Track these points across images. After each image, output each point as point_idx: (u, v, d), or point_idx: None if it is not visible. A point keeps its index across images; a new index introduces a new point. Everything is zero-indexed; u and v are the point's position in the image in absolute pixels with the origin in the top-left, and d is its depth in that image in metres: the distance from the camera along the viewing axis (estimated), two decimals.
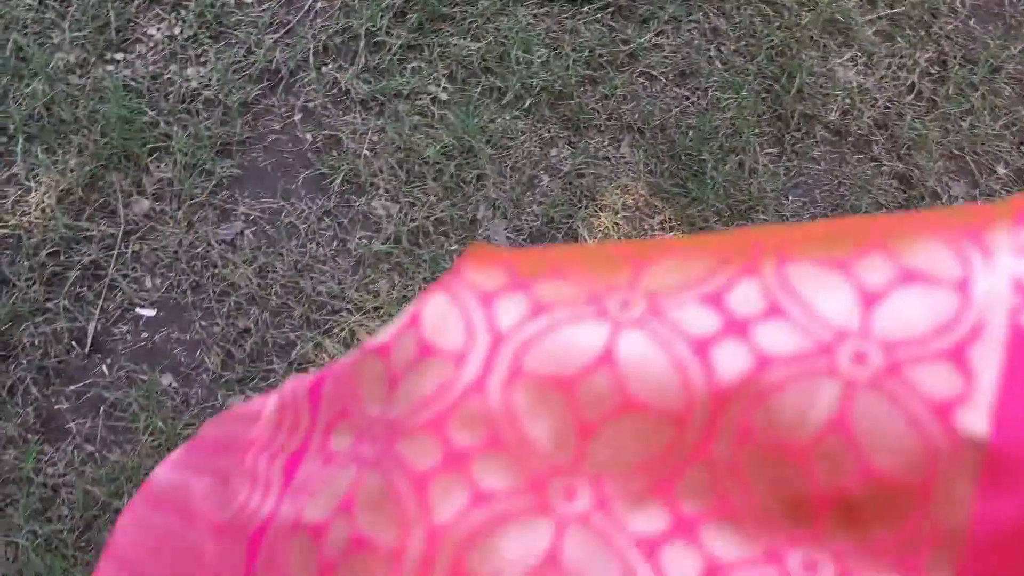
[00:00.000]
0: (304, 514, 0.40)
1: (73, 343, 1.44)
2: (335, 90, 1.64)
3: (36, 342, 1.43)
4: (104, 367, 1.43)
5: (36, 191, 1.51)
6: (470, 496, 0.36)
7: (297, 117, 1.62)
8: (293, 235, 1.53)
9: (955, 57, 1.82)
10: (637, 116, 1.67)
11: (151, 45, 1.64)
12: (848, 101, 1.74)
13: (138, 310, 1.48)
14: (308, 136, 1.61)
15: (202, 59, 1.64)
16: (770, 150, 1.70)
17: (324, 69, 1.65)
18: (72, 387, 1.42)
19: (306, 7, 1.69)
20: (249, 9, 1.68)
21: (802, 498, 0.35)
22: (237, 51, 1.64)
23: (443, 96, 1.64)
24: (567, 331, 0.38)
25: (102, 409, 1.41)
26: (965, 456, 0.33)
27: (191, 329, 1.47)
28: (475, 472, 0.37)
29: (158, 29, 1.65)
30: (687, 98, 1.71)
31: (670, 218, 1.61)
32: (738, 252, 0.39)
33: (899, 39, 1.81)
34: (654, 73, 1.72)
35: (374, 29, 1.67)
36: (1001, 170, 1.76)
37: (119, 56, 1.62)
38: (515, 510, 0.36)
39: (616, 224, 1.60)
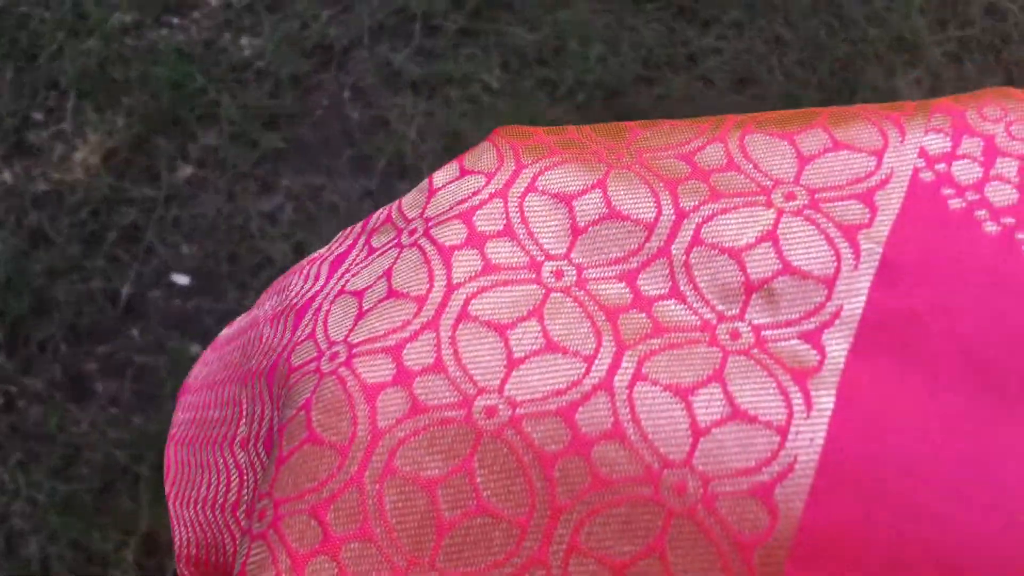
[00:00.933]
0: (347, 285, 0.50)
1: (107, 304, 1.43)
2: (387, 71, 1.62)
3: (70, 300, 1.42)
4: (135, 331, 1.43)
5: (82, 149, 1.50)
6: (482, 266, 0.48)
7: (346, 95, 1.60)
8: (333, 213, 1.52)
9: (1023, 86, 1.76)
10: None
11: (207, 11, 1.63)
12: None
13: (173, 276, 1.47)
14: (355, 115, 1.59)
15: (257, 29, 1.62)
16: None
17: (377, 49, 1.63)
18: (102, 348, 1.41)
19: None
20: None
21: (734, 285, 0.46)
22: (292, 24, 1.62)
23: (495, 84, 1.62)
24: (571, 165, 0.51)
25: (129, 372, 1.40)
26: (864, 262, 0.44)
27: (224, 300, 1.46)
28: (489, 249, 0.48)
29: None
30: (744, 105, 1.67)
31: None
32: (713, 128, 0.51)
33: (967, 62, 1.76)
34: (712, 77, 1.68)
35: (431, 12, 1.65)
36: None
37: (174, 20, 1.61)
38: (514, 279, 0.47)
39: None
